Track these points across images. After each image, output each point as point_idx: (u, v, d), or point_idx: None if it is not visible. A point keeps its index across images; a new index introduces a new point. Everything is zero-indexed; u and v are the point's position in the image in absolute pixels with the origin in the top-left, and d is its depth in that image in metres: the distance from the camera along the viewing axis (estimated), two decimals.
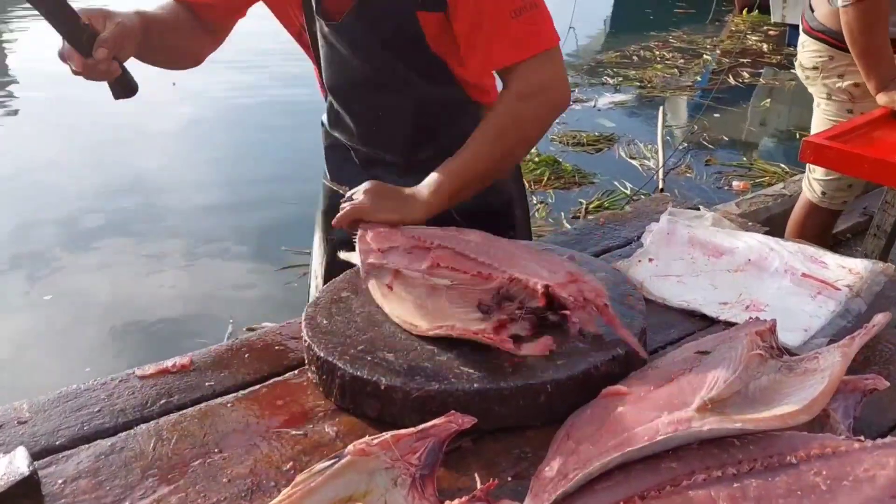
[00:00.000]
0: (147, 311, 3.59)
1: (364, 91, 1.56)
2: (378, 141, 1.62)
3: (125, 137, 5.95)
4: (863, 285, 1.32)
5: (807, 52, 2.61)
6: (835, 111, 2.60)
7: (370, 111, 1.58)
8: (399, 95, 1.54)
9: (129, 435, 1.02)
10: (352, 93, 1.58)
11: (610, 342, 1.09)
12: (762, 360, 1.02)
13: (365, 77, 1.52)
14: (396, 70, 1.50)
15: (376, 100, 1.55)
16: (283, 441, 1.00)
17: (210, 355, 1.20)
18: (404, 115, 1.56)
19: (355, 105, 1.60)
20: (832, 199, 2.69)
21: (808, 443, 0.89)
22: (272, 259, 4.01)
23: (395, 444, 0.91)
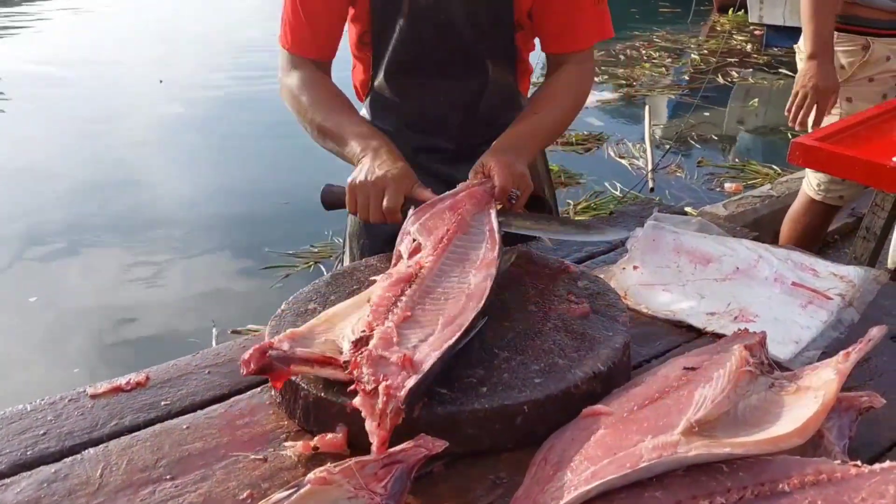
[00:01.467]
0: (131, 313, 3.52)
1: (435, 74, 1.59)
2: (434, 127, 1.65)
3: (110, 136, 5.86)
4: (855, 294, 1.26)
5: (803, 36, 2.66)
6: None
7: (434, 95, 1.62)
8: (469, 80, 1.60)
9: (76, 460, 0.95)
10: (419, 76, 1.60)
11: (590, 358, 1.02)
12: (752, 378, 0.96)
13: (442, 59, 1.56)
14: (478, 52, 1.56)
15: (445, 83, 1.60)
16: (240, 466, 0.94)
17: (168, 371, 1.13)
18: (469, 100, 1.62)
19: (418, 89, 1.62)
20: (827, 193, 2.67)
21: (801, 468, 0.83)
22: (256, 260, 3.94)
23: (359, 472, 0.85)
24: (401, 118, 1.67)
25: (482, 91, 1.61)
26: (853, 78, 2.48)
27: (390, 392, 0.88)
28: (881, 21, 2.45)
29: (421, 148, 1.65)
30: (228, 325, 3.34)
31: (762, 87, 7.33)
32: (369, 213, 1.33)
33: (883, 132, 2.08)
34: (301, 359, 0.97)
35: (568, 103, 1.57)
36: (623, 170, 5.14)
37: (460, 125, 1.64)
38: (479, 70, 1.58)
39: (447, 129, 1.65)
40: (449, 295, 1.08)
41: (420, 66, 1.58)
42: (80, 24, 10.37)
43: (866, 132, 2.05)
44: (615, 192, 4.66)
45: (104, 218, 4.51)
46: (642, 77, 7.54)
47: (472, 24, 1.51)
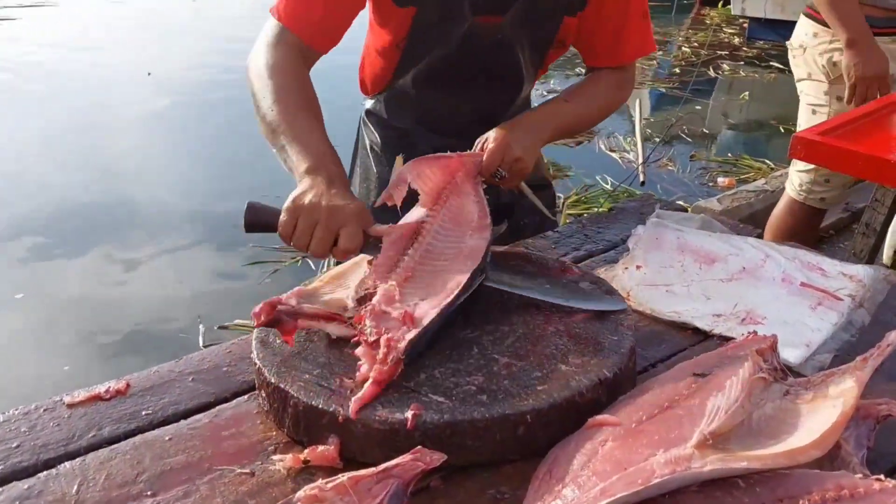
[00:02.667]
0: (117, 309, 3.45)
1: (471, 86, 1.54)
2: (453, 131, 1.57)
3: (96, 130, 5.77)
4: (865, 294, 1.22)
5: (797, 30, 2.65)
6: (814, 93, 2.61)
7: (463, 104, 1.57)
8: (503, 93, 1.57)
9: (51, 475, 0.89)
10: (453, 86, 1.55)
11: (595, 364, 0.97)
12: (766, 385, 0.91)
13: (484, 74, 1.51)
14: (518, 69, 1.51)
15: (477, 94, 1.55)
16: (226, 481, 0.88)
17: (150, 378, 1.07)
18: (496, 111, 1.57)
19: (447, 97, 1.57)
20: (809, 193, 2.63)
21: (821, 483, 0.79)
22: (242, 255, 3.88)
23: (353, 488, 0.80)
24: (420, 119, 1.62)
25: (511, 102, 1.59)
26: (840, 79, 2.43)
27: (391, 343, 0.93)
28: (878, 18, 2.40)
29: (436, 147, 1.54)
30: (216, 321, 3.28)
31: (753, 81, 7.30)
32: (310, 245, 1.10)
33: (884, 127, 2.04)
34: (308, 314, 1.02)
35: (601, 102, 1.54)
36: (614, 163, 5.10)
37: (483, 131, 1.54)
38: (516, 85, 1.55)
39: (468, 134, 1.54)
40: (447, 255, 1.12)
41: (458, 77, 1.52)
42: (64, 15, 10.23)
43: (867, 127, 2.00)
44: (606, 186, 4.62)
45: (90, 213, 4.43)
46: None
47: (521, 43, 1.47)
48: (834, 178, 2.58)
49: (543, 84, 7.05)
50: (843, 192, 2.66)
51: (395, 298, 1.01)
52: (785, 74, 7.30)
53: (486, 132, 1.49)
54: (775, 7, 8.12)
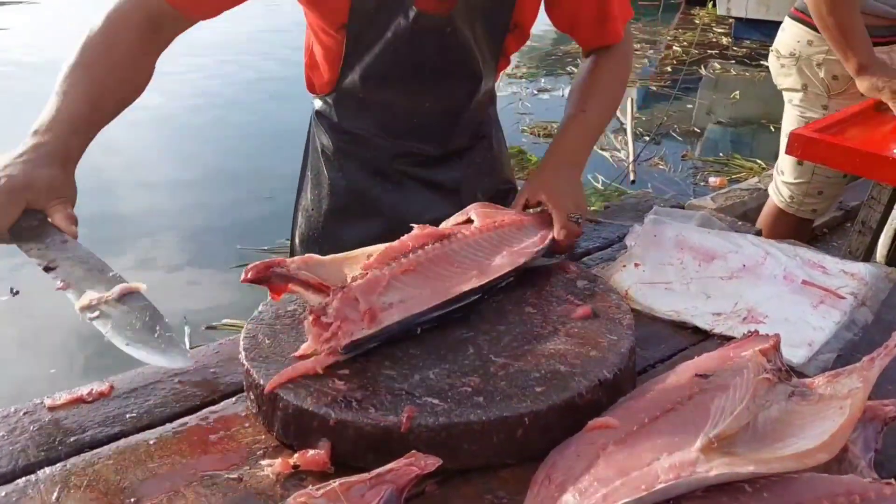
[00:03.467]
0: None
1: (425, 81, 1.45)
2: (417, 133, 1.53)
3: None
4: (868, 293, 1.20)
5: (785, 36, 2.46)
6: (809, 106, 2.46)
7: (420, 102, 1.49)
8: (460, 87, 1.49)
9: (30, 482, 0.86)
10: (406, 83, 1.46)
11: (595, 364, 0.95)
12: (770, 386, 0.89)
13: (436, 68, 1.43)
14: (473, 63, 1.44)
15: (434, 90, 1.47)
16: (212, 488, 0.85)
17: (134, 380, 1.04)
18: (457, 106, 1.51)
19: (403, 96, 1.49)
20: (800, 206, 2.53)
21: (831, 488, 0.76)
22: (228, 257, 3.83)
23: (345, 494, 0.77)
24: (377, 122, 1.53)
25: (472, 97, 1.51)
26: (847, 91, 2.30)
27: (337, 332, 0.94)
28: (880, 28, 2.29)
29: (400, 154, 1.55)
30: (203, 323, 3.24)
31: (743, 80, 7.30)
32: None
33: (882, 123, 2.02)
34: (301, 280, 1.01)
35: (616, 93, 1.52)
36: (605, 162, 5.08)
37: (443, 132, 1.55)
38: (473, 77, 1.48)
39: (431, 135, 1.54)
40: (463, 264, 1.10)
41: (410, 73, 1.43)
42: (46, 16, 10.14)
43: (866, 123, 1.99)
44: (597, 185, 4.61)
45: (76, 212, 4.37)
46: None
47: (474, 32, 1.40)
48: (827, 190, 2.49)
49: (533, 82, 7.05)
50: (834, 201, 2.58)
51: (378, 288, 1.00)
52: None
53: (452, 128, 1.54)
54: (759, 7, 8.17)
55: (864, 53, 2.16)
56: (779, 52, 2.49)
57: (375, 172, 1.56)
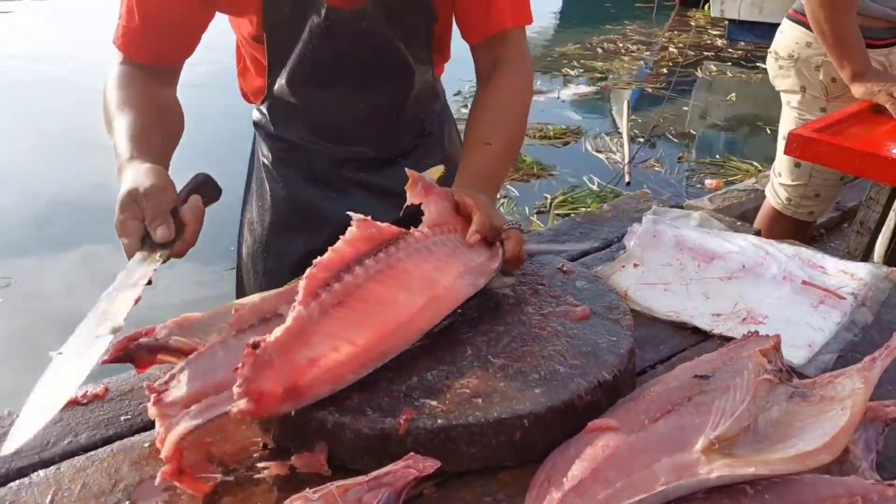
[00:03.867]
0: None
1: (352, 82, 1.40)
2: (354, 137, 1.48)
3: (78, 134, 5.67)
4: (868, 293, 1.19)
5: (784, 38, 2.45)
6: (807, 108, 2.44)
7: (353, 104, 1.44)
8: (392, 85, 1.43)
9: (23, 485, 0.85)
10: (333, 85, 1.41)
11: (594, 366, 0.94)
12: (771, 387, 0.88)
13: (361, 67, 1.38)
14: (400, 58, 1.38)
15: (364, 91, 1.42)
16: (209, 490, 0.83)
17: (129, 382, 1.03)
18: (392, 106, 1.46)
19: (332, 99, 1.43)
20: (797, 208, 2.53)
21: (833, 489, 0.76)
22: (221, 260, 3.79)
23: (342, 497, 0.76)
24: (311, 128, 1.48)
25: (406, 94, 1.45)
26: (845, 95, 2.28)
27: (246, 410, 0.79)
28: (878, 30, 2.28)
29: (340, 159, 1.50)
30: None
31: (740, 81, 7.30)
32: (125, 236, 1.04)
33: (880, 123, 2.02)
34: (173, 348, 0.93)
35: (517, 120, 1.37)
36: (600, 164, 5.08)
37: (383, 132, 1.49)
38: (404, 74, 1.41)
39: (369, 137, 1.49)
40: (411, 287, 0.95)
41: (334, 74, 1.38)
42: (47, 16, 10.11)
43: (863, 124, 1.98)
44: (592, 187, 4.61)
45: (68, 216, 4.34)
46: (620, 70, 7.50)
47: (394, 26, 1.34)
48: (824, 192, 2.48)
49: None
50: (830, 204, 2.57)
51: (302, 338, 0.86)
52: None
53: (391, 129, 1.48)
54: (752, 9, 8.20)
55: (859, 61, 2.16)
56: (777, 54, 2.47)
57: (317, 181, 1.52)
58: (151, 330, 0.96)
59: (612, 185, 4.56)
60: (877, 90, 2.12)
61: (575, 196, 4.48)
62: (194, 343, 0.96)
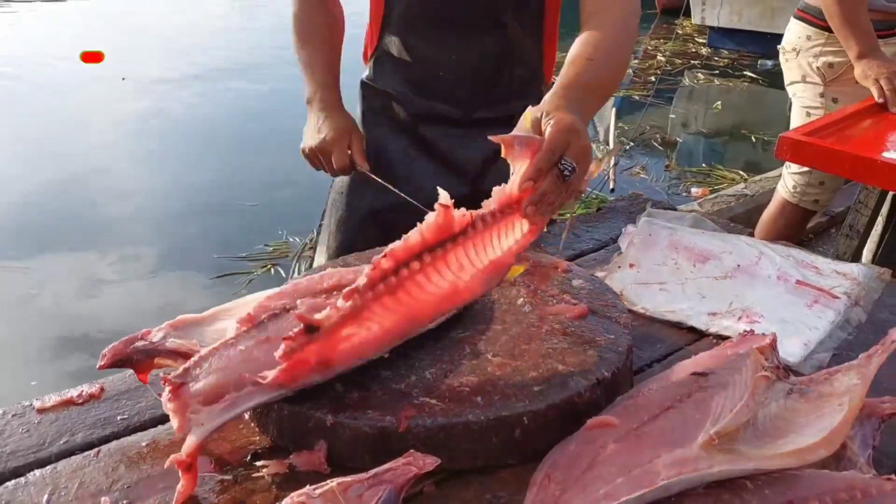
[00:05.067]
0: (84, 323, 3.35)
1: (446, 28, 1.44)
2: (441, 92, 1.50)
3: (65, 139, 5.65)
4: (861, 292, 1.20)
5: (789, 34, 2.64)
6: (809, 96, 2.60)
7: (445, 54, 1.46)
8: (484, 38, 1.44)
9: (19, 484, 0.84)
10: (429, 31, 1.46)
11: (593, 363, 0.94)
12: (769, 384, 0.88)
13: (455, 10, 1.42)
14: (498, 4, 1.41)
15: (456, 40, 1.45)
16: (207, 489, 0.83)
17: (125, 382, 1.02)
18: (483, 64, 1.46)
19: (426, 47, 1.48)
20: (803, 196, 2.63)
21: (831, 483, 0.76)
22: (205, 269, 3.78)
23: (343, 494, 0.76)
24: (405, 79, 1.52)
25: (500, 54, 1.45)
26: (841, 78, 2.42)
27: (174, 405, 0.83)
28: (874, 21, 2.39)
29: (421, 115, 1.52)
30: None
31: (727, 90, 7.34)
32: (327, 171, 1.46)
33: (870, 127, 2.04)
34: (170, 350, 0.94)
35: (623, 48, 1.27)
36: None
37: (471, 92, 1.48)
38: (496, 27, 1.42)
39: (455, 94, 1.48)
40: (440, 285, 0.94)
41: (431, 18, 1.43)
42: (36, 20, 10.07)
43: (853, 128, 2.00)
44: None
45: (58, 222, 4.31)
46: None
47: None
48: (829, 181, 2.58)
49: None
50: (835, 194, 2.67)
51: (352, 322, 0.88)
52: (757, 84, 7.38)
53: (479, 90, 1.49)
54: (731, 16, 8.27)
55: (865, 41, 2.31)
56: (784, 49, 2.66)
57: (399, 136, 1.55)
58: (147, 333, 0.95)
59: (596, 192, 4.57)
60: (869, 73, 2.27)
61: None
62: (191, 345, 0.95)
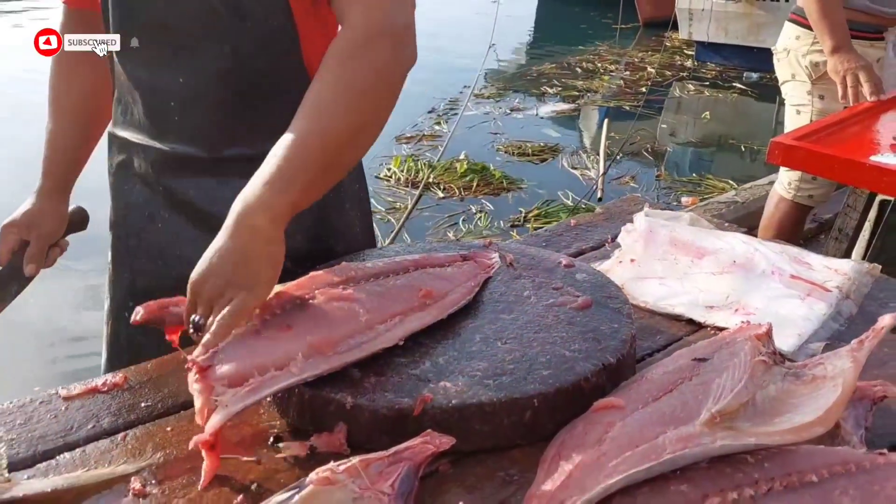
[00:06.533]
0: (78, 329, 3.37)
1: (163, 37, 1.14)
2: (178, 127, 1.19)
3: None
4: (851, 286, 1.25)
5: (781, 36, 2.76)
6: (798, 94, 2.70)
7: (169, 73, 1.15)
8: (210, 46, 1.13)
9: (50, 466, 0.88)
10: (144, 44, 1.16)
11: (598, 350, 0.98)
12: (767, 368, 0.93)
13: (170, 14, 1.12)
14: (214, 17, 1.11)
15: (178, 52, 1.14)
16: (232, 469, 0.87)
17: (147, 372, 1.06)
18: (216, 80, 1.14)
19: (149, 66, 1.17)
20: (797, 191, 2.71)
21: (827, 458, 0.81)
22: None
23: (365, 470, 0.79)
24: (140, 119, 1.22)
25: (244, 66, 1.14)
26: (826, 76, 2.52)
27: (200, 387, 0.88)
28: (858, 23, 2.52)
29: (164, 161, 1.21)
30: None
31: (716, 100, 7.43)
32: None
33: (859, 132, 2.11)
34: None
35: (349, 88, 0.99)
36: (576, 180, 5.18)
37: (216, 122, 1.17)
38: (223, 40, 1.12)
39: (198, 128, 1.18)
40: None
41: (147, 31, 1.15)
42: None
43: (843, 132, 2.06)
44: (567, 202, 4.70)
45: None
46: (601, 89, 7.62)
47: None
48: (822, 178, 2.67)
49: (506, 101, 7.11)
50: (829, 190, 2.75)
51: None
52: (746, 96, 7.48)
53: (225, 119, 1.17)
54: (718, 32, 8.40)
55: (838, 36, 2.43)
56: (776, 49, 2.78)
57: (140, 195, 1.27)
58: (180, 300, 0.99)
59: (585, 201, 4.64)
60: (843, 68, 2.39)
61: (549, 210, 4.57)
62: None
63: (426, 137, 5.90)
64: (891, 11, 2.53)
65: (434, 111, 6.31)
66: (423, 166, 5.14)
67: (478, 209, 4.61)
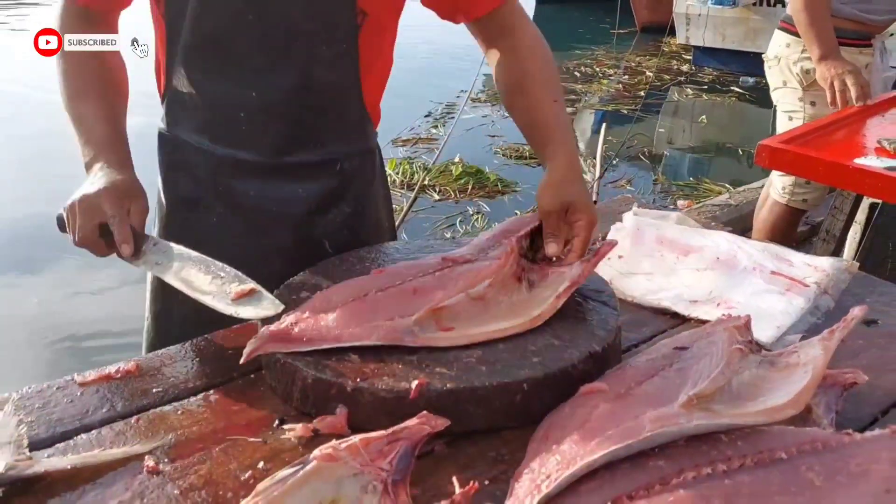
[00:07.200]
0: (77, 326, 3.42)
1: (240, 54, 1.22)
2: (241, 134, 1.27)
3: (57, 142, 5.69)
4: (829, 282, 1.31)
5: (772, 43, 2.83)
6: (789, 100, 2.77)
7: (244, 91, 1.24)
8: (287, 73, 1.22)
9: (68, 446, 0.93)
10: (225, 63, 1.23)
11: (585, 339, 1.04)
12: (743, 355, 0.99)
13: (252, 40, 1.20)
14: (300, 36, 1.21)
15: (255, 76, 1.23)
16: (239, 449, 0.93)
17: (158, 360, 1.12)
18: (288, 95, 1.24)
19: (223, 82, 1.24)
20: (791, 196, 2.78)
21: (797, 437, 0.86)
22: None
23: (365, 448, 0.85)
24: (202, 124, 1.29)
25: (311, 83, 1.24)
26: (817, 82, 2.58)
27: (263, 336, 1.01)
28: (846, 30, 2.58)
29: (225, 164, 1.29)
30: None
31: (713, 104, 7.50)
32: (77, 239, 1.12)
33: (846, 136, 2.17)
34: None
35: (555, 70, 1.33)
36: None
37: (279, 131, 1.27)
38: (298, 61, 1.22)
39: (261, 136, 1.27)
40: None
41: (225, 47, 1.21)
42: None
43: (830, 136, 2.12)
44: None
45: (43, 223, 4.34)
46: (599, 93, 7.69)
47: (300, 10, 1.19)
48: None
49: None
50: (823, 194, 2.81)
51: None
52: (743, 100, 7.56)
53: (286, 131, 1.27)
54: (716, 37, 8.49)
55: (826, 44, 2.49)
56: (767, 57, 2.85)
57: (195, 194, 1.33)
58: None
59: None
60: (830, 74, 2.44)
61: None
62: None
63: (422, 141, 5.96)
64: (877, 19, 2.59)
65: (431, 115, 6.37)
66: (418, 169, 5.20)
67: (474, 211, 4.67)
